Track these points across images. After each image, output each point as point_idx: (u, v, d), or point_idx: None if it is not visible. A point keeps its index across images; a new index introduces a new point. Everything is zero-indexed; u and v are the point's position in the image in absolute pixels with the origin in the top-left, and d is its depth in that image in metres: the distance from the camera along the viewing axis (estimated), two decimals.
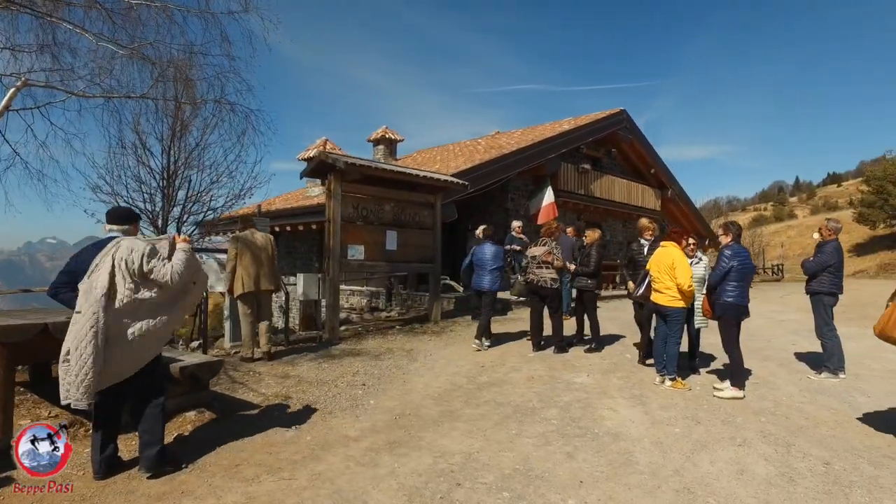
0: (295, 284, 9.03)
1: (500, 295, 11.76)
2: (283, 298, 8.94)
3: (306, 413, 4.54)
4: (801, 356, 7.14)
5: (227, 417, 4.39)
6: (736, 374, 5.17)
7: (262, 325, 6.54)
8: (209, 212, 8.38)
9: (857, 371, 6.23)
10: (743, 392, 5.11)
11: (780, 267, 30.85)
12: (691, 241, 5.86)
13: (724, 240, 5.37)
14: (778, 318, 10.59)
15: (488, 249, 7.56)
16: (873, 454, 3.90)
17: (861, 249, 41.30)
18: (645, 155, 20.86)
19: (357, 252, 8.42)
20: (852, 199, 45.14)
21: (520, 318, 9.97)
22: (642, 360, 6.37)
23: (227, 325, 7.99)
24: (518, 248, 11.24)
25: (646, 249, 6.52)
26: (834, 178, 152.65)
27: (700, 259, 5.98)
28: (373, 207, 8.72)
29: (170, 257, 3.32)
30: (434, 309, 9.75)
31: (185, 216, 8.11)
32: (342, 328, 9.16)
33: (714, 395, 5.14)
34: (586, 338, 7.49)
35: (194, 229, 8.54)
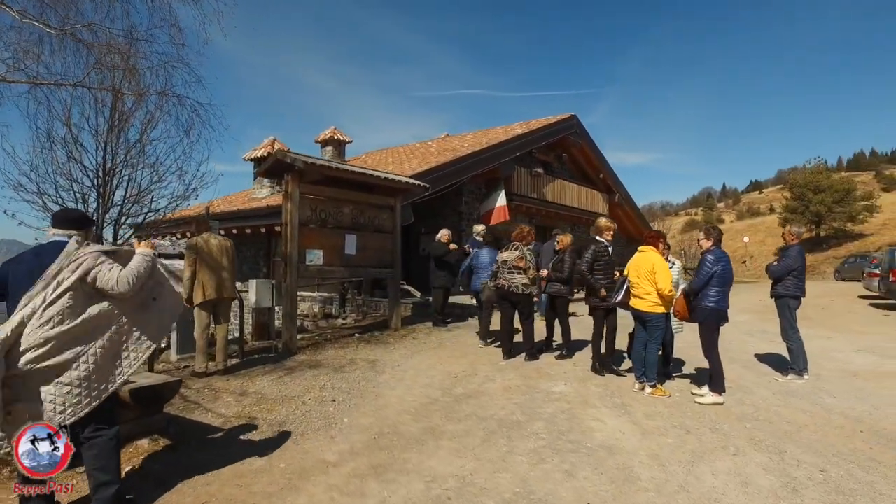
0: (246, 291, 8.49)
1: (460, 300, 11.62)
2: (237, 307, 8.38)
3: (275, 436, 4.13)
4: (761, 358, 7.27)
5: (185, 444, 3.93)
6: (715, 379, 5.13)
7: (220, 336, 6.05)
8: (150, 213, 7.74)
9: (816, 371, 6.37)
10: (722, 398, 5.07)
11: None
12: (662, 245, 5.80)
13: (706, 244, 5.33)
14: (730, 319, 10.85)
15: (486, 254, 7.94)
16: (860, 458, 3.91)
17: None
18: (594, 159, 21.21)
19: (316, 257, 7.99)
20: (773, 206, 47.80)
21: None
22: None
23: (173, 335, 7.38)
24: None
25: (610, 250, 6.42)
26: (756, 186, 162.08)
27: (673, 263, 5.94)
28: (331, 210, 8.30)
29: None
30: (394, 316, 9.40)
31: (123, 218, 7.45)
32: (297, 337, 8.68)
33: (695, 402, 5.07)
34: (555, 344, 7.36)
35: (132, 232, 7.88)
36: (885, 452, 4.06)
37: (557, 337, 7.27)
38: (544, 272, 7.07)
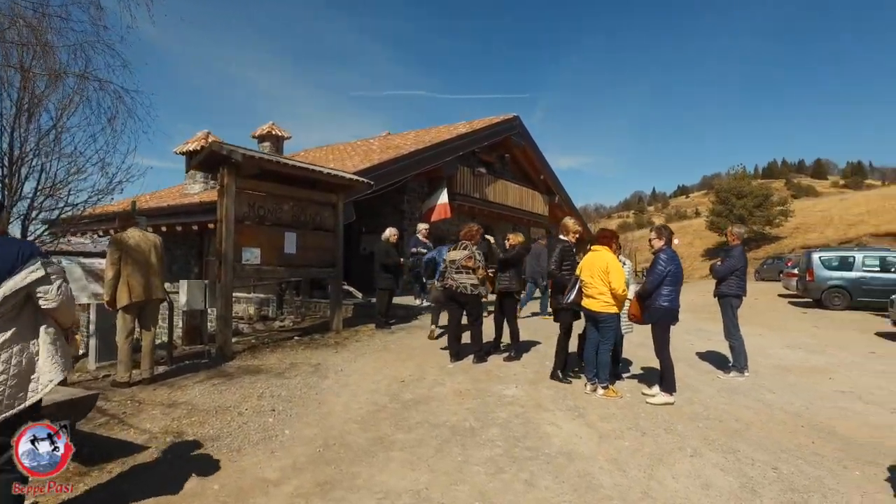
0: (176, 293, 7.91)
1: (403, 301, 11.37)
2: (166, 309, 7.78)
3: (208, 453, 3.75)
4: (702, 356, 7.44)
5: (100, 468, 3.48)
6: (667, 379, 5.14)
7: (147, 341, 5.54)
8: (67, 208, 7.07)
9: (754, 368, 6.56)
10: (673, 397, 5.08)
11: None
12: (615, 245, 5.77)
13: (657, 243, 5.33)
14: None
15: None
16: (806, 453, 3.99)
17: (712, 254, 46.00)
18: (535, 161, 21.44)
19: (253, 255, 7.53)
20: (698, 209, 50.44)
21: (427, 326, 9.55)
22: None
23: (91, 341, 6.75)
24: (423, 251, 10.85)
25: (575, 250, 6.37)
26: (683, 190, 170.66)
27: (625, 263, 5.93)
28: (270, 206, 7.85)
29: None
30: (336, 317, 9.03)
31: (34, 213, 6.75)
32: (233, 341, 8.17)
33: (647, 402, 5.06)
34: (503, 346, 7.24)
35: (45, 229, 7.17)
36: (826, 446, 4.16)
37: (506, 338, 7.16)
38: (491, 273, 6.91)
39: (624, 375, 6.13)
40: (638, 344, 7.42)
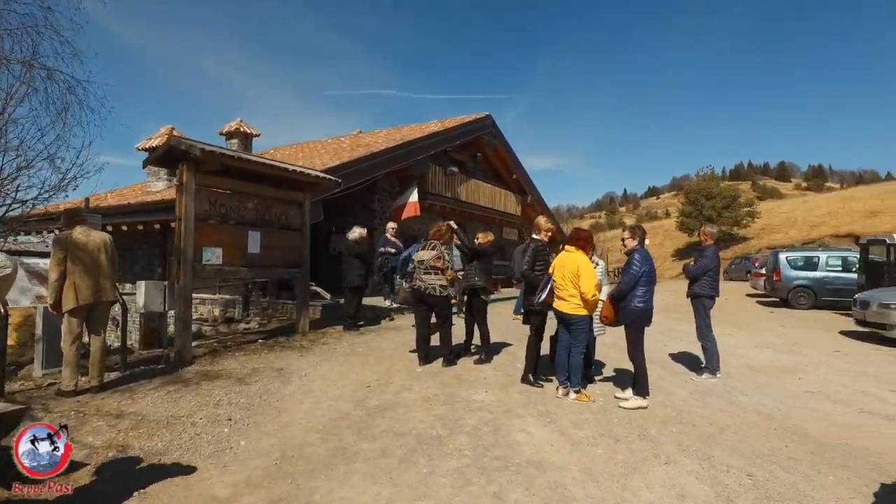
0: (134, 294, 7.55)
1: (372, 301, 11.12)
2: (120, 312, 7.41)
3: (153, 469, 3.48)
4: (675, 357, 7.39)
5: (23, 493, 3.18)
6: (640, 382, 5.04)
7: (95, 347, 5.21)
8: (15, 205, 6.67)
9: (725, 369, 6.52)
10: (646, 401, 4.98)
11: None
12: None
13: (631, 243, 5.22)
14: None
15: None
16: (780, 458, 3.91)
17: (682, 254, 46.81)
18: (508, 160, 21.38)
19: (214, 255, 7.21)
20: (668, 210, 51.35)
21: (395, 328, 9.35)
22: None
23: (38, 347, 6.37)
24: (392, 250, 10.65)
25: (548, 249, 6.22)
26: (653, 191, 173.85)
27: (597, 263, 5.82)
28: (233, 204, 7.54)
29: None
30: (302, 319, 8.75)
31: None
32: (193, 344, 7.83)
33: (620, 406, 4.94)
34: (473, 348, 7.09)
35: None
36: (799, 449, 4.09)
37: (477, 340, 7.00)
38: (461, 274, 6.72)
39: (596, 378, 6.02)
40: (610, 345, 7.34)
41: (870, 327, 9.55)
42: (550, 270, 5.44)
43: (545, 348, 6.07)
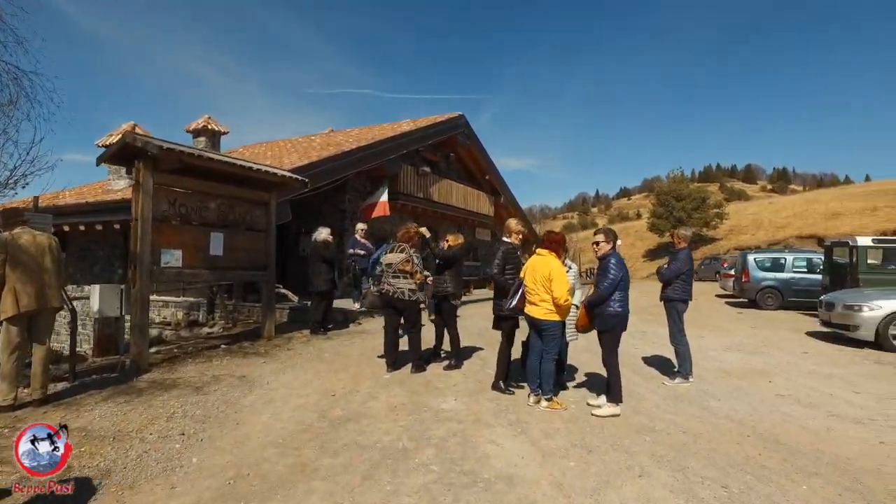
0: (89, 298, 7.18)
1: (342, 304, 10.86)
2: (71, 317, 7.03)
3: (93, 492, 3.22)
4: (648, 360, 7.34)
5: None
6: (614, 389, 4.93)
7: (38, 357, 4.88)
8: None
9: (697, 372, 6.47)
10: (619, 408, 4.88)
11: (593, 270, 33.86)
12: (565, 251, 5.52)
13: (605, 248, 5.10)
14: None
15: None
16: (754, 467, 3.83)
17: (652, 254, 47.49)
18: (481, 161, 21.28)
19: (173, 258, 6.90)
20: (639, 211, 52.08)
21: (364, 332, 9.13)
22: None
23: None
24: (361, 252, 10.42)
25: (519, 252, 6.08)
26: (625, 192, 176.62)
27: (570, 267, 5.70)
28: (194, 205, 7.23)
29: None
30: (267, 324, 8.47)
31: None
32: (152, 350, 7.51)
33: (592, 414, 4.83)
34: (443, 353, 6.92)
35: None
36: (772, 457, 4.03)
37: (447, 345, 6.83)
38: (430, 279, 6.53)
39: (568, 384, 5.91)
40: (583, 349, 7.26)
41: (834, 328, 9.68)
42: (522, 275, 5.30)
43: (517, 352, 5.94)
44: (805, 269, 15.24)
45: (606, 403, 4.92)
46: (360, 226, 10.55)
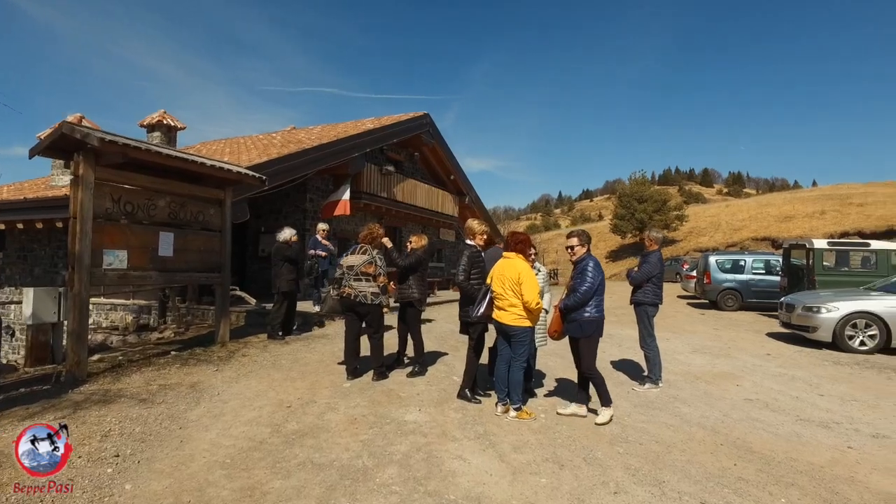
0: (21, 303, 6.64)
1: (302, 307, 10.46)
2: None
3: None
4: (616, 365, 7.22)
5: None
6: (604, 393, 4.81)
7: None
8: None
9: (666, 376, 6.38)
10: (612, 408, 4.78)
11: (556, 271, 34.03)
12: (532, 250, 5.29)
13: (580, 251, 4.90)
14: None
15: None
16: (730, 479, 3.69)
17: (615, 256, 48.17)
18: (445, 160, 21.04)
19: (117, 259, 6.43)
20: (601, 213, 52.86)
21: (324, 336, 8.77)
22: None
23: None
24: (323, 253, 10.05)
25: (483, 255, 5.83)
26: (587, 194, 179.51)
27: (539, 270, 5.49)
28: (142, 202, 6.76)
29: None
30: (222, 328, 8.02)
31: None
32: (94, 358, 6.98)
33: (596, 424, 4.68)
34: (407, 359, 6.64)
35: None
36: (748, 468, 3.90)
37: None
38: (392, 285, 6.24)
39: (537, 391, 5.71)
40: (550, 353, 7.09)
41: (794, 329, 9.80)
42: (488, 280, 5.05)
43: (485, 358, 5.71)
44: (763, 271, 15.53)
45: (602, 409, 4.79)
46: (322, 226, 10.17)
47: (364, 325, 6.03)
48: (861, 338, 8.93)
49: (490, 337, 5.42)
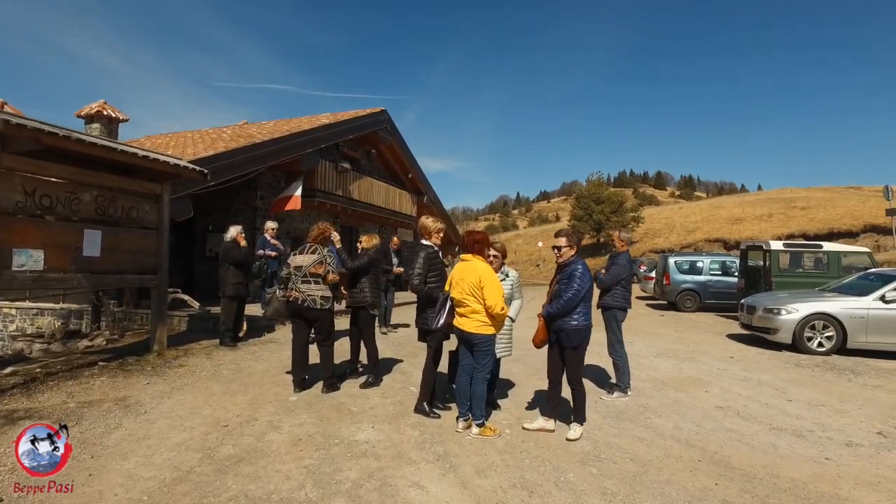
0: None
1: (249, 310, 9.80)
2: None
3: None
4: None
5: None
6: (582, 409, 4.49)
7: None
8: None
9: (633, 383, 6.09)
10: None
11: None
12: (492, 252, 4.87)
13: (568, 253, 4.51)
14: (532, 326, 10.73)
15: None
16: (713, 501, 3.35)
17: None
18: (403, 159, 20.55)
19: (31, 259, 5.71)
20: (558, 214, 53.44)
21: (272, 342, 8.18)
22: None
23: None
24: (273, 253, 9.43)
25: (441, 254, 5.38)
26: (545, 196, 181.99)
27: (507, 275, 5.06)
28: (62, 195, 6.05)
29: None
30: (158, 334, 7.34)
31: None
32: (6, 371, 6.22)
33: (567, 438, 4.31)
34: (360, 367, 6.16)
35: None
36: (730, 487, 3.59)
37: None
38: (343, 288, 5.75)
39: (501, 402, 5.30)
40: (513, 359, 6.71)
41: (755, 331, 9.75)
42: (448, 285, 4.61)
43: (443, 365, 5.27)
44: (720, 272, 15.65)
45: (574, 425, 4.44)
46: (271, 224, 9.55)
47: (313, 331, 5.51)
48: (819, 339, 8.92)
49: (451, 344, 4.99)
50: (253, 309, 10.00)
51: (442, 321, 4.42)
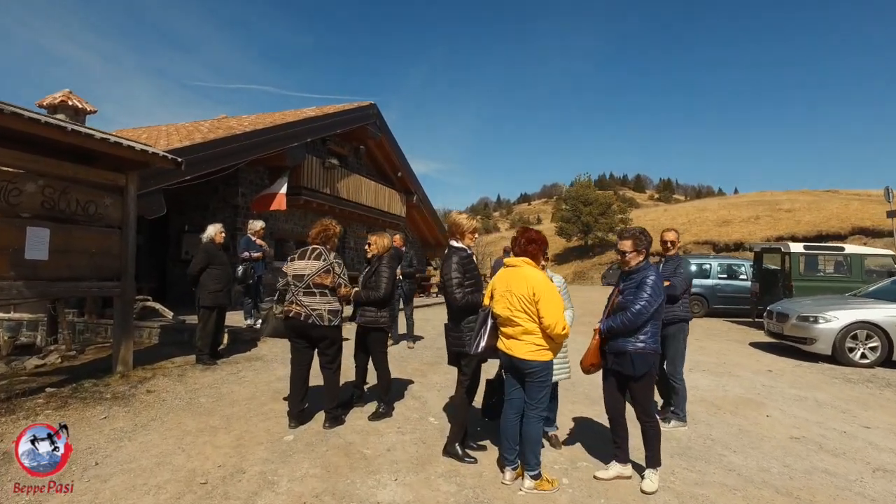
0: None
1: (231, 320, 8.70)
2: None
3: None
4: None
5: None
6: (657, 450, 3.50)
7: None
8: None
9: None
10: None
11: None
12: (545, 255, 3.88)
13: (635, 259, 3.56)
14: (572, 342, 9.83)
15: None
16: None
17: (559, 259, 47.95)
18: (393, 156, 19.52)
19: None
20: (539, 216, 53.00)
21: (258, 359, 7.11)
22: None
23: None
24: (257, 255, 8.38)
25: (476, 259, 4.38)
26: (525, 198, 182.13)
27: (551, 277, 4.08)
28: None
29: None
30: (122, 351, 6.21)
31: None
32: None
33: (642, 491, 3.37)
34: (367, 389, 5.14)
35: None
36: None
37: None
38: (352, 292, 4.69)
39: (555, 435, 4.31)
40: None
41: (787, 340, 8.95)
42: (487, 297, 3.63)
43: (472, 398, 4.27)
44: (726, 276, 14.95)
45: (650, 470, 3.47)
46: (257, 224, 8.48)
47: (317, 353, 4.46)
48: (862, 350, 8.15)
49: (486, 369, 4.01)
50: (235, 318, 8.92)
51: (483, 343, 3.43)
